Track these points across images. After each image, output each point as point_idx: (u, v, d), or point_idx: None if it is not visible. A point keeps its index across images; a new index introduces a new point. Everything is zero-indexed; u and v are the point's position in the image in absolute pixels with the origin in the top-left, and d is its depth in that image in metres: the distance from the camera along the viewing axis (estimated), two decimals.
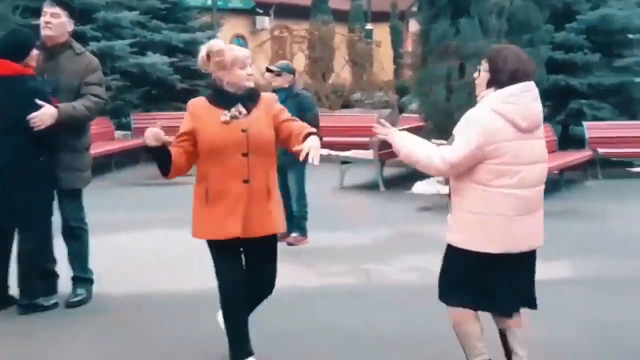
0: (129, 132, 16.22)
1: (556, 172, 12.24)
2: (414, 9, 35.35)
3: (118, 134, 16.04)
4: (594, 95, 14.96)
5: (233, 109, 4.66)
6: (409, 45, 35.71)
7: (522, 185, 4.19)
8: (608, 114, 14.76)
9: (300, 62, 20.80)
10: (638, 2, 15.74)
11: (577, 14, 15.14)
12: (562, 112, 14.89)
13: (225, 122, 4.63)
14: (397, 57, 32.47)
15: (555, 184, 12.31)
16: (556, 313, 6.07)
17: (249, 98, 4.74)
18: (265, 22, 31.80)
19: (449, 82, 11.86)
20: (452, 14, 11.86)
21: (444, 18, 11.86)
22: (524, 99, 4.16)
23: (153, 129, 4.61)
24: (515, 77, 4.17)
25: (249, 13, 29.83)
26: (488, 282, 4.34)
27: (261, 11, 31.02)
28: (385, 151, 12.67)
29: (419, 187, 12.27)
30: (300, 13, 29.11)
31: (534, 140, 4.25)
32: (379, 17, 32.27)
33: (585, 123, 14.11)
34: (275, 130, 4.73)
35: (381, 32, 30.29)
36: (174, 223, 9.51)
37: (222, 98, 4.71)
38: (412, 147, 4.39)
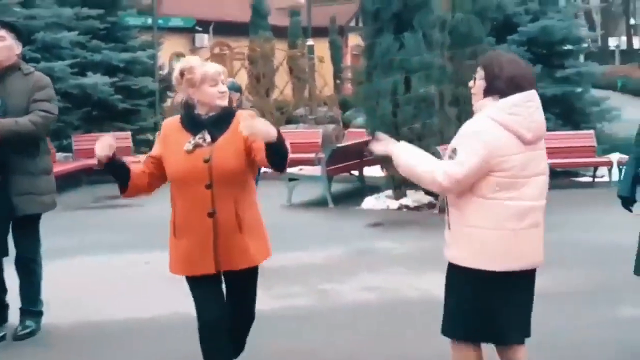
0: (70, 154, 15.96)
1: None
2: (352, 23, 35.69)
3: (59, 156, 15.74)
4: None
5: (198, 136, 4.31)
6: (348, 60, 35.94)
7: (528, 198, 3.97)
8: (551, 125, 14.86)
9: (243, 79, 20.66)
10: (576, 13, 15.98)
11: (517, 26, 15.33)
12: None
13: (188, 152, 4.29)
14: (338, 72, 32.63)
15: None
16: None
17: (218, 122, 4.34)
18: (204, 39, 31.63)
19: (394, 96, 11.81)
20: (395, 28, 11.84)
21: (387, 32, 11.83)
22: (528, 109, 3.93)
23: (103, 138, 4.35)
24: (513, 84, 3.92)
25: (188, 31, 29.59)
26: (494, 305, 4.06)
27: (200, 29, 30.82)
28: (333, 167, 12.64)
29: (369, 202, 12.21)
30: (239, 30, 29.00)
31: (538, 152, 4.03)
32: (318, 32, 32.30)
33: None
34: (248, 151, 4.29)
35: (321, 48, 30.30)
36: (121, 247, 9.31)
37: (190, 122, 4.38)
38: (413, 161, 4.09)
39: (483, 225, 3.95)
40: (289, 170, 13.00)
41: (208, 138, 4.30)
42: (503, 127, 3.90)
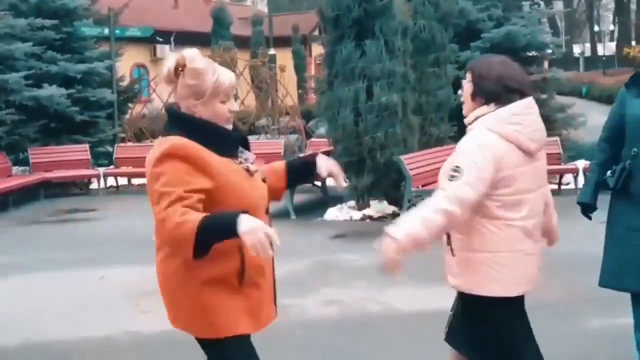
0: (27, 168, 15.63)
1: None
2: (316, 32, 35.57)
3: (16, 169, 15.46)
4: None
5: (240, 154, 3.37)
6: (312, 70, 35.82)
7: (532, 216, 3.64)
8: None
9: None
10: (540, 18, 15.94)
11: (481, 33, 15.23)
12: None
13: (251, 174, 3.35)
14: (301, 82, 32.48)
15: None
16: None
17: (244, 138, 3.50)
18: (165, 50, 31.33)
19: (356, 105, 11.59)
20: (356, 36, 11.62)
21: (348, 40, 11.60)
22: (529, 116, 3.58)
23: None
24: (502, 84, 3.55)
25: (148, 42, 29.28)
26: (514, 338, 3.76)
27: (161, 39, 30.52)
28: None
29: (332, 213, 11.98)
30: (200, 40, 28.76)
31: (539, 162, 3.69)
32: (281, 41, 32.17)
33: None
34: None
35: (284, 57, 30.15)
36: (77, 263, 9.01)
37: (219, 138, 3.27)
38: (418, 225, 3.55)
39: (493, 248, 3.59)
40: None
41: (252, 156, 3.43)
42: (504, 138, 3.53)
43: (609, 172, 4.78)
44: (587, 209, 5.00)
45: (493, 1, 15.84)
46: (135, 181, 16.14)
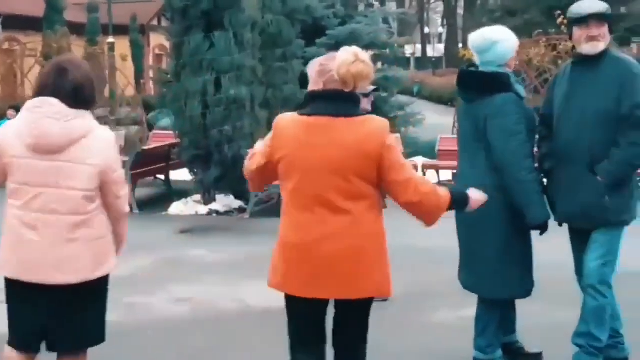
0: None
1: None
2: (155, 22, 34.86)
3: None
4: None
5: None
6: (151, 60, 35.08)
7: (34, 209, 3.85)
8: None
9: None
10: (385, 18, 16.22)
11: (326, 30, 15.33)
12: None
13: None
14: (140, 72, 31.74)
15: None
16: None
17: None
18: None
19: (204, 97, 11.38)
20: (205, 27, 11.40)
21: (197, 31, 11.36)
22: (32, 114, 3.83)
23: None
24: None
25: None
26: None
27: None
28: (137, 171, 12.04)
29: (176, 207, 11.71)
30: (31, 24, 27.54)
31: (59, 163, 3.86)
32: (118, 30, 31.22)
33: None
34: None
35: (121, 46, 29.30)
36: None
37: None
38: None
39: None
40: None
41: None
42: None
43: None
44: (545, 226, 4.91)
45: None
46: None
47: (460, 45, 54.54)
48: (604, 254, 4.86)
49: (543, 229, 4.81)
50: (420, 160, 14.69)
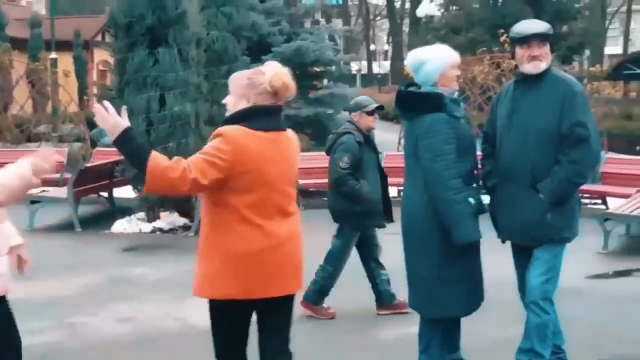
0: None
1: None
2: (99, 38, 34.54)
3: None
4: (291, 126, 15.01)
5: None
6: (95, 76, 34.70)
7: None
8: (305, 145, 15.00)
9: None
10: (331, 35, 16.28)
11: (272, 47, 15.33)
12: None
13: None
14: (83, 88, 31.37)
15: None
16: None
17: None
18: None
19: (148, 114, 11.26)
20: (149, 44, 11.30)
21: (141, 47, 11.25)
22: None
23: None
24: None
25: None
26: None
27: None
28: (80, 188, 11.86)
29: (120, 225, 11.55)
30: None
31: None
32: (62, 46, 30.83)
33: None
34: None
35: (65, 62, 28.95)
36: None
37: None
38: None
39: None
40: (31, 191, 12.05)
41: None
42: None
43: None
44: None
45: (284, 16, 16.03)
46: None
47: (405, 62, 55.21)
48: (546, 271, 4.91)
49: (471, 249, 4.79)
50: None
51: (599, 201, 12.76)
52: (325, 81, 16.83)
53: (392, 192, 13.81)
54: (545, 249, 4.91)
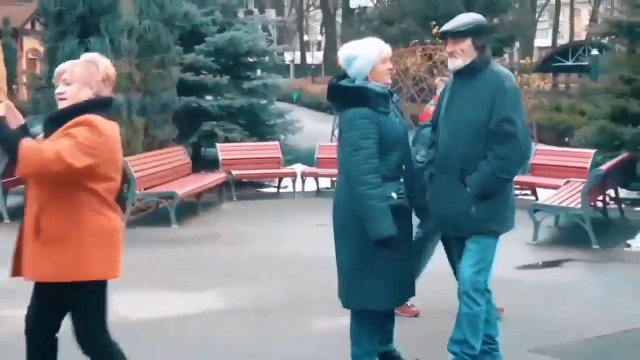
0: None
1: (193, 195, 12.09)
2: (28, 26, 33.85)
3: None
4: (224, 116, 15.17)
5: None
6: (24, 65, 34.01)
7: None
8: (239, 135, 14.99)
9: None
10: (264, 25, 16.24)
11: (205, 36, 15.23)
12: (195, 134, 14.99)
13: None
14: (12, 76, 30.78)
15: (192, 207, 12.11)
16: (209, 346, 5.89)
17: (50, 121, 4.19)
18: None
19: None
20: (80, 33, 11.14)
21: (72, 36, 11.09)
22: None
23: None
24: None
25: None
26: None
27: None
28: (9, 179, 11.64)
29: None
30: None
31: None
32: None
33: (217, 145, 14.13)
34: None
35: None
36: None
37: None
38: None
39: None
40: None
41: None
42: None
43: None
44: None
45: (217, 6, 15.92)
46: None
47: (338, 55, 55.44)
48: (477, 262, 4.98)
49: (387, 244, 4.74)
50: (299, 167, 14.74)
51: (529, 192, 12.99)
52: (258, 72, 16.75)
53: (326, 182, 14.02)
54: (475, 240, 4.98)
